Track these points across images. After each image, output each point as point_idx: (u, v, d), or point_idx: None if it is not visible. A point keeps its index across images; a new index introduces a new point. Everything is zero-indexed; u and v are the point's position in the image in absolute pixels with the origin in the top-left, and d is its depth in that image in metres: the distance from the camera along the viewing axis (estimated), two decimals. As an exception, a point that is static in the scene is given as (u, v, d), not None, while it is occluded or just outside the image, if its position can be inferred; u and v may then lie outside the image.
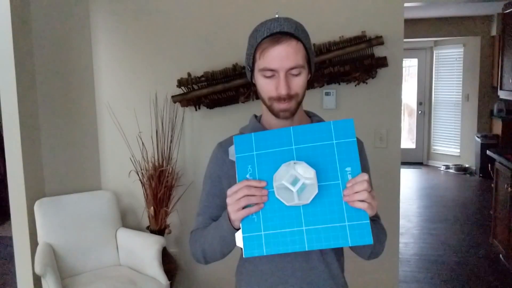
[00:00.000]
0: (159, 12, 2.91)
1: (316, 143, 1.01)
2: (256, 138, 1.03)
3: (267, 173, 1.00)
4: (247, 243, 0.98)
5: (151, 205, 2.86)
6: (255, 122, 1.21)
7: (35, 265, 2.43)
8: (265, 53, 1.06)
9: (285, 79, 1.06)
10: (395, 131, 2.71)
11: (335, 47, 2.64)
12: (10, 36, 2.60)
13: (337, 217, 0.96)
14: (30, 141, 2.75)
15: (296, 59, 1.06)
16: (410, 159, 7.74)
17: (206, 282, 3.05)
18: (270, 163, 1.00)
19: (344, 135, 1.00)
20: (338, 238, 0.96)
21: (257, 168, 1.01)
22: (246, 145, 1.03)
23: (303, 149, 1.00)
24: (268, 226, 0.98)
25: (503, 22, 4.38)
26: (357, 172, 0.98)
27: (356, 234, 0.95)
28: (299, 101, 1.11)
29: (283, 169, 0.95)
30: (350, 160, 0.99)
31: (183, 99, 2.85)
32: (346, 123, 1.01)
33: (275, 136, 1.02)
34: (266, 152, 1.01)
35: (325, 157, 1.00)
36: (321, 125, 1.02)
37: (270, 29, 1.07)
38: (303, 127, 1.02)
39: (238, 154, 1.03)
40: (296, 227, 0.97)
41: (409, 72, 7.97)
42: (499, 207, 3.81)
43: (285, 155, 1.00)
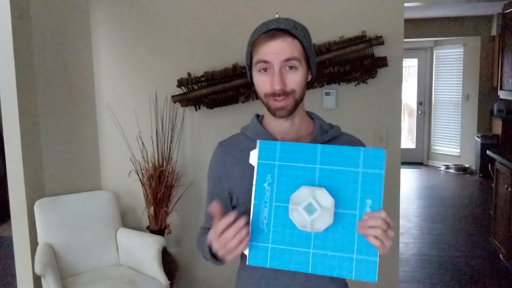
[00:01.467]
0: (159, 12, 2.91)
1: (342, 167, 0.96)
2: (282, 148, 0.99)
3: (286, 187, 0.97)
4: (252, 252, 0.97)
5: (151, 205, 2.86)
6: (256, 122, 1.20)
7: (35, 265, 2.43)
8: (259, 48, 1.06)
9: (280, 74, 1.05)
10: (395, 131, 2.71)
11: (335, 47, 2.64)
12: (10, 36, 2.60)
13: (347, 248, 0.94)
14: (30, 141, 2.75)
15: (291, 52, 1.05)
16: (410, 159, 7.74)
17: (206, 282, 3.05)
18: (291, 177, 0.97)
19: (372, 165, 0.95)
20: (343, 269, 0.94)
21: (276, 180, 0.98)
22: (270, 152, 1.00)
23: (327, 171, 0.96)
24: (276, 240, 0.96)
25: (503, 22, 4.38)
26: (377, 206, 0.94)
27: (362, 269, 0.93)
28: (296, 99, 1.09)
29: (302, 192, 0.93)
30: (372, 192, 0.94)
31: (183, 99, 2.85)
32: (377, 153, 0.96)
33: (301, 150, 0.99)
34: (289, 165, 0.98)
35: (347, 184, 0.95)
36: (351, 149, 0.97)
37: (267, 27, 1.07)
38: (332, 147, 0.98)
39: (260, 160, 1.00)
40: (303, 248, 0.95)
41: (409, 72, 7.97)
42: (499, 207, 3.81)
43: (307, 172, 0.97)
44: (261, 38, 1.07)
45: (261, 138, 1.16)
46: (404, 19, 2.63)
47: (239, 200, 1.15)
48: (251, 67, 1.12)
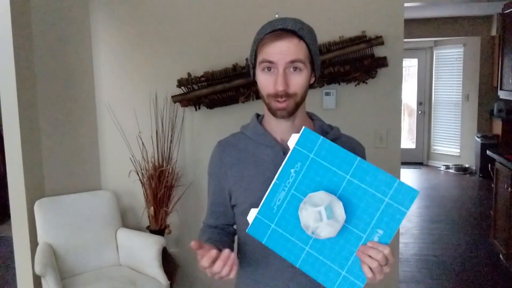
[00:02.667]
0: (159, 12, 2.91)
1: (370, 188, 0.95)
2: (322, 144, 0.99)
3: (310, 182, 0.98)
4: (255, 224, 1.00)
5: (151, 205, 2.86)
6: (256, 122, 1.20)
7: (35, 265, 2.43)
8: (265, 47, 1.06)
9: (284, 75, 1.04)
10: (395, 131, 2.71)
11: (335, 47, 2.64)
12: (10, 36, 2.60)
13: (340, 262, 0.95)
14: (30, 141, 2.75)
15: (296, 54, 1.04)
16: (410, 159, 7.74)
17: (206, 282, 3.05)
18: (318, 175, 0.98)
19: (400, 201, 0.93)
20: (328, 278, 0.96)
21: (304, 171, 0.99)
22: (309, 142, 0.99)
23: (354, 185, 0.95)
24: (280, 224, 0.99)
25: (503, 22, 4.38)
26: (385, 240, 0.93)
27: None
28: (298, 101, 1.09)
29: (320, 196, 0.93)
30: (388, 225, 0.93)
31: (183, 99, 2.85)
32: (410, 192, 0.93)
33: (339, 155, 0.97)
34: (322, 163, 0.98)
35: (368, 206, 0.94)
36: (387, 176, 0.95)
37: (274, 26, 1.07)
38: (369, 165, 0.96)
39: (297, 146, 1.00)
40: (301, 242, 0.97)
41: (409, 72, 7.97)
42: (499, 207, 3.81)
43: (336, 178, 0.96)
44: (267, 37, 1.06)
45: (260, 138, 1.16)
46: (404, 19, 2.63)
47: (238, 199, 1.16)
48: (255, 65, 1.11)
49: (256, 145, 1.16)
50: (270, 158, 1.13)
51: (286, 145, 1.15)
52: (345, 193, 0.96)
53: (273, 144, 1.14)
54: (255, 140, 1.17)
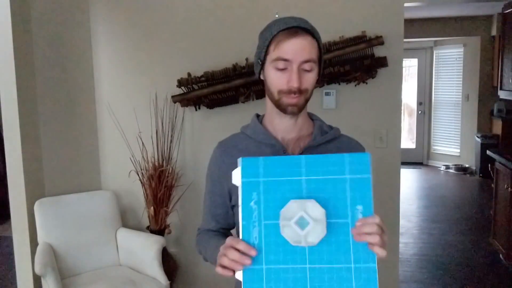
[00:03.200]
0: (159, 12, 2.91)
1: (328, 176, 0.94)
2: (265, 163, 0.96)
3: (274, 204, 0.94)
4: (247, 277, 0.92)
5: (151, 205, 2.86)
6: (256, 122, 1.20)
7: (35, 265, 2.43)
8: (280, 44, 1.06)
9: (298, 72, 1.05)
10: (395, 131, 2.71)
11: (335, 47, 2.64)
12: (10, 36, 2.60)
13: (343, 258, 0.91)
14: (30, 141, 2.75)
15: (311, 53, 1.06)
16: (410, 159, 7.74)
17: (206, 282, 3.05)
18: (278, 193, 0.94)
19: (359, 170, 0.93)
20: (342, 281, 0.91)
21: (263, 197, 0.94)
22: (253, 168, 0.96)
23: (313, 181, 0.94)
24: (270, 260, 0.92)
25: (503, 22, 4.38)
26: (369, 212, 0.92)
27: (362, 278, 0.91)
28: (307, 98, 1.11)
29: (292, 206, 0.91)
30: (362, 198, 0.92)
31: (183, 99, 2.85)
32: (362, 157, 0.94)
33: (285, 163, 0.95)
34: (274, 180, 0.95)
35: (336, 193, 0.93)
36: (336, 156, 0.95)
37: (287, 24, 1.07)
38: (316, 157, 0.95)
39: (244, 179, 0.95)
40: (299, 264, 0.91)
41: (409, 72, 7.97)
42: (499, 207, 3.81)
43: (294, 185, 0.94)
44: (281, 34, 1.07)
45: (261, 137, 1.16)
46: (404, 19, 2.63)
47: (238, 200, 1.16)
48: (264, 61, 1.11)
49: (257, 145, 1.17)
50: None
51: (287, 144, 1.15)
52: (310, 193, 0.94)
53: (273, 143, 1.15)
54: (256, 139, 1.17)
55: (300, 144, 1.16)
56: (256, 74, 1.17)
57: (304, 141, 1.16)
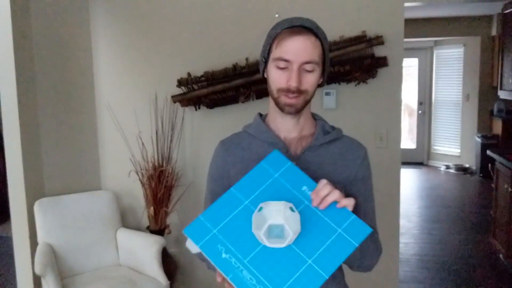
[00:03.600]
0: (159, 12, 2.91)
1: (262, 186, 0.99)
2: (206, 217, 0.97)
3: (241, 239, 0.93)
4: None
5: (151, 205, 2.86)
6: (259, 121, 1.20)
7: (35, 265, 2.43)
8: (282, 43, 1.06)
9: (298, 72, 1.05)
10: (395, 131, 2.71)
11: (335, 47, 2.64)
12: (10, 36, 2.60)
13: (329, 231, 0.94)
14: (30, 141, 2.75)
15: (313, 54, 1.06)
16: (410, 159, 7.74)
17: (206, 282, 3.05)
18: (237, 228, 0.95)
19: (279, 165, 1.01)
20: (344, 247, 0.93)
21: (228, 242, 0.94)
22: (202, 230, 0.97)
23: (256, 198, 0.98)
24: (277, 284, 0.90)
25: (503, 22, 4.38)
26: (313, 186, 0.98)
27: (354, 232, 0.94)
28: (307, 99, 1.10)
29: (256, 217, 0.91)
30: (300, 180, 0.99)
31: (183, 99, 2.85)
32: (274, 155, 1.03)
33: (222, 205, 0.98)
34: (225, 223, 0.96)
35: (278, 192, 0.98)
36: (255, 170, 1.02)
37: (292, 22, 1.07)
38: (241, 181, 1.00)
39: (200, 243, 0.95)
40: (302, 265, 0.92)
41: (409, 72, 7.97)
42: (499, 207, 3.80)
43: (243, 213, 0.96)
44: (285, 32, 1.07)
45: (264, 136, 1.16)
46: (404, 19, 2.63)
47: None
48: (268, 59, 1.11)
49: (259, 143, 1.17)
50: None
51: (289, 143, 1.15)
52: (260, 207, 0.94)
53: (276, 141, 1.15)
54: (258, 138, 1.17)
55: (302, 144, 1.16)
56: (261, 72, 1.17)
57: (306, 141, 1.16)
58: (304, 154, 1.14)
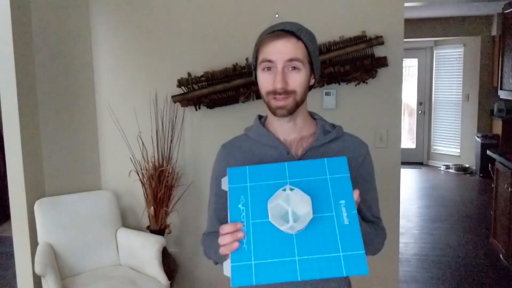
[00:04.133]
0: (159, 12, 2.91)
1: (310, 177, 1.02)
2: (250, 171, 1.03)
3: (261, 205, 0.99)
4: (235, 273, 0.94)
5: (151, 205, 2.86)
6: (259, 124, 1.21)
7: (35, 265, 2.43)
8: (264, 47, 1.09)
9: (282, 73, 1.07)
10: (395, 131, 2.71)
11: (335, 47, 2.64)
12: (10, 36, 2.60)
13: (332, 248, 0.95)
14: (30, 141, 2.75)
15: (295, 53, 1.07)
16: (410, 159, 7.74)
17: (206, 282, 3.05)
18: (264, 194, 1.00)
19: (338, 171, 1.02)
20: (332, 269, 0.94)
21: (250, 199, 1.00)
22: (240, 176, 1.03)
23: (297, 183, 1.01)
24: (259, 256, 0.95)
25: (503, 22, 4.38)
26: (351, 205, 0.99)
27: (351, 265, 0.94)
28: (297, 100, 1.10)
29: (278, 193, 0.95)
30: (344, 193, 1.00)
31: (183, 99, 2.85)
32: (339, 161, 1.04)
33: (269, 170, 1.03)
34: (260, 184, 1.02)
35: (319, 191, 1.00)
36: (315, 161, 1.04)
37: (273, 28, 1.10)
38: (297, 163, 1.03)
39: (231, 185, 1.02)
40: (288, 257, 0.95)
41: (409, 72, 7.97)
42: (499, 207, 3.81)
43: (279, 187, 0.99)
44: (266, 37, 1.09)
45: (264, 139, 1.17)
46: (404, 19, 2.63)
47: None
48: (256, 66, 1.13)
49: (260, 146, 1.17)
50: (274, 158, 1.14)
51: (290, 145, 1.16)
52: None
53: (277, 144, 1.15)
54: (259, 141, 1.18)
55: (302, 145, 1.16)
56: (253, 79, 1.19)
57: (307, 141, 1.17)
58: (305, 155, 1.14)
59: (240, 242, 0.96)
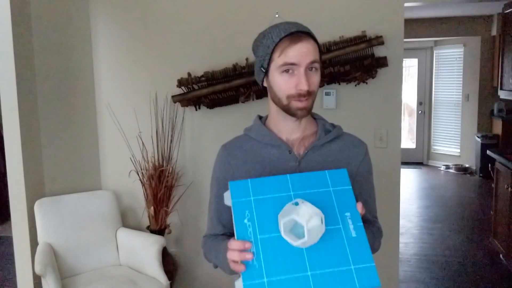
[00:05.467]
0: (159, 12, 2.91)
1: (314, 190, 1.02)
2: (253, 184, 1.02)
3: (267, 218, 0.98)
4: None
5: (151, 205, 2.86)
6: (260, 124, 1.21)
7: (35, 265, 2.43)
8: (286, 50, 1.07)
9: (306, 75, 1.07)
10: (395, 131, 2.71)
11: (335, 47, 2.64)
12: (10, 36, 2.60)
13: (342, 261, 0.95)
14: (30, 141, 2.75)
15: (315, 55, 1.09)
16: (410, 159, 7.74)
17: (206, 282, 3.05)
18: (269, 208, 0.99)
19: (339, 183, 1.03)
20: (346, 282, 0.93)
21: (255, 214, 0.98)
22: (242, 190, 1.01)
23: (301, 196, 1.00)
24: (270, 273, 0.93)
25: (503, 22, 4.38)
26: (356, 217, 0.99)
27: (363, 277, 0.94)
28: (314, 99, 1.12)
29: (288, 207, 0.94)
30: (348, 206, 1.00)
31: (183, 99, 2.85)
32: (340, 173, 1.05)
33: (272, 183, 1.02)
34: (264, 198, 1.00)
35: (324, 203, 1.00)
36: (317, 174, 1.04)
37: (287, 30, 1.08)
38: (299, 175, 1.03)
39: (235, 199, 1.00)
40: (301, 272, 0.93)
41: (409, 72, 7.97)
42: (499, 207, 3.81)
43: (284, 201, 0.98)
44: (285, 41, 1.08)
45: (266, 138, 1.17)
46: (404, 19, 2.63)
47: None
48: (268, 69, 1.11)
49: (262, 146, 1.18)
50: (276, 158, 1.15)
51: (292, 144, 1.16)
52: None
53: (279, 144, 1.16)
54: (260, 141, 1.18)
55: (304, 144, 1.17)
56: (259, 82, 1.18)
57: (309, 141, 1.17)
58: (307, 154, 1.15)
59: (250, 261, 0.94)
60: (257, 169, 1.15)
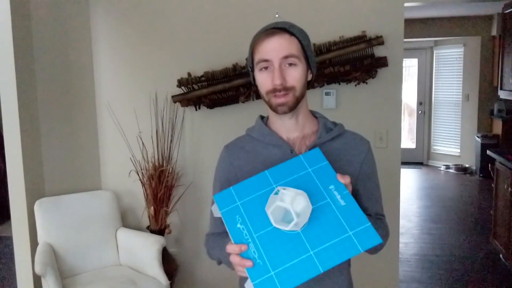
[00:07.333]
0: (159, 12, 2.91)
1: (294, 175, 1.05)
2: (236, 190, 1.05)
3: (257, 216, 1.00)
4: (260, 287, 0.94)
5: (151, 205, 2.86)
6: (261, 124, 1.21)
7: (35, 265, 2.43)
8: (259, 47, 1.09)
9: (279, 70, 1.07)
10: (395, 131, 2.71)
11: (335, 47, 2.64)
12: (10, 36, 2.60)
13: (339, 231, 0.97)
14: (30, 141, 2.75)
15: (290, 49, 1.07)
16: (410, 159, 7.74)
17: (206, 282, 3.05)
18: (257, 206, 1.01)
19: (316, 162, 1.06)
20: (349, 249, 0.95)
21: (245, 215, 1.01)
22: (228, 199, 1.04)
23: (283, 184, 1.03)
24: (276, 265, 0.95)
25: (503, 22, 4.38)
26: (340, 187, 1.02)
27: (363, 239, 0.96)
28: (297, 96, 1.10)
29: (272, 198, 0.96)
30: (330, 179, 1.03)
31: (183, 99, 2.86)
32: (314, 153, 1.07)
33: (253, 183, 1.05)
34: (250, 199, 1.03)
35: (307, 184, 1.03)
36: (293, 160, 1.07)
37: (266, 27, 1.11)
38: (277, 167, 1.06)
39: (223, 209, 1.03)
40: (303, 254, 0.95)
41: (409, 72, 7.97)
42: (499, 207, 3.81)
43: (268, 195, 1.00)
44: (260, 37, 1.10)
45: (267, 138, 1.17)
46: (404, 19, 2.63)
47: None
48: (253, 68, 1.13)
49: (264, 146, 1.18)
50: (278, 157, 1.15)
51: (293, 144, 1.16)
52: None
53: (280, 143, 1.16)
54: (262, 141, 1.18)
55: (305, 143, 1.17)
56: (252, 81, 1.19)
57: (310, 140, 1.17)
58: None
59: (252, 259, 0.96)
60: (260, 169, 1.15)
